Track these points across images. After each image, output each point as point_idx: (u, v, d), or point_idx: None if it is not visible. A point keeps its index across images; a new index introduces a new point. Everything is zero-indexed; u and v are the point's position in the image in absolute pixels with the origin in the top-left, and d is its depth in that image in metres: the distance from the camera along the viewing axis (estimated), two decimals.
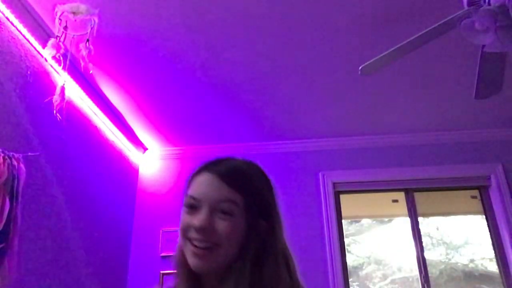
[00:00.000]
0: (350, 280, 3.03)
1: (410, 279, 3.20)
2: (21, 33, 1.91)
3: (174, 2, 1.91)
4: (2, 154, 1.62)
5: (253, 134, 3.23)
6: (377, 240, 3.50)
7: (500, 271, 2.93)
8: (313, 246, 2.99)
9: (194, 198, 0.74)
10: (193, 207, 0.73)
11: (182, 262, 0.75)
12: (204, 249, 0.70)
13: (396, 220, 3.45)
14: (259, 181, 0.80)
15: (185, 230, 0.73)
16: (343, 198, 3.25)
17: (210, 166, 0.77)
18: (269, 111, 2.91)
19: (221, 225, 0.71)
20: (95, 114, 2.64)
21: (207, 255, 0.70)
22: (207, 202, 0.72)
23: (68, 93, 2.16)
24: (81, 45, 1.90)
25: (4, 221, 1.55)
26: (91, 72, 2.16)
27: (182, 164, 3.39)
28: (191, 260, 0.71)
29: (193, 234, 0.71)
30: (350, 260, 3.24)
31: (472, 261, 3.29)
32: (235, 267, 0.70)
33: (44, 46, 1.91)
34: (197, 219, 0.71)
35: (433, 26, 1.64)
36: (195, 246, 0.71)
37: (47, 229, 2.04)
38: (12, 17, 1.83)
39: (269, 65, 2.40)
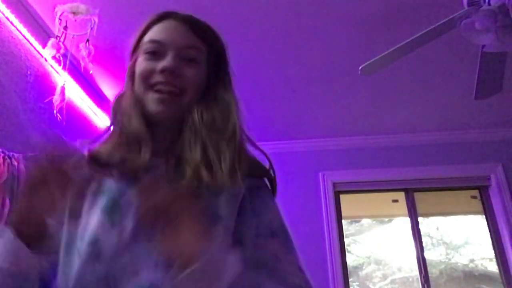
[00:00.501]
0: (350, 280, 3.03)
1: (410, 279, 3.20)
2: (21, 33, 1.91)
3: (174, 2, 1.91)
4: (2, 154, 1.62)
5: (253, 134, 3.22)
6: (377, 240, 3.50)
7: (500, 271, 2.93)
8: (313, 246, 2.99)
9: (158, 42, 0.71)
10: (155, 53, 0.70)
11: (132, 111, 0.71)
12: (170, 94, 0.69)
13: (396, 220, 3.45)
14: (219, 36, 0.80)
15: (147, 76, 0.69)
16: (343, 198, 3.25)
17: (172, 14, 0.76)
18: (269, 111, 2.91)
19: (187, 71, 0.70)
20: (95, 114, 2.63)
21: (173, 100, 0.69)
22: (172, 47, 0.70)
23: (68, 93, 2.16)
24: (81, 45, 1.90)
25: (4, 221, 1.55)
26: (91, 72, 2.16)
27: None
28: (155, 106, 0.68)
29: (158, 78, 0.68)
30: (350, 260, 3.24)
31: (472, 261, 3.29)
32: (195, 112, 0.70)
33: (44, 46, 1.91)
34: (165, 62, 0.68)
35: (433, 26, 1.64)
36: (160, 91, 0.68)
37: None
38: (12, 17, 1.83)
39: (269, 65, 2.40)
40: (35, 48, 2.01)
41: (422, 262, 2.96)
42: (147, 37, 0.73)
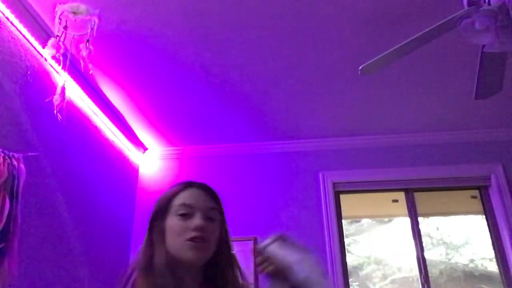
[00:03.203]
0: (350, 280, 3.03)
1: (410, 279, 3.20)
2: (21, 33, 1.91)
3: (174, 3, 1.91)
4: (2, 154, 1.62)
5: (253, 134, 3.23)
6: (377, 240, 3.50)
7: (500, 271, 2.93)
8: (313, 246, 2.99)
9: (188, 206, 0.92)
10: (186, 215, 0.91)
11: (164, 264, 0.88)
12: (202, 243, 0.89)
13: (396, 220, 3.45)
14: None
15: (182, 233, 0.89)
16: (343, 198, 3.24)
17: (194, 184, 0.98)
18: (269, 111, 2.91)
19: (210, 226, 0.92)
20: (95, 114, 2.64)
21: (204, 247, 0.90)
22: (199, 209, 0.92)
23: (68, 93, 2.16)
24: (81, 45, 1.90)
25: (4, 221, 1.55)
26: (91, 72, 2.16)
27: (182, 164, 3.39)
28: (191, 253, 0.88)
29: (192, 234, 0.88)
30: (350, 260, 3.24)
31: (472, 261, 3.29)
32: (220, 257, 0.94)
33: (44, 46, 1.91)
34: (197, 221, 0.90)
35: (433, 26, 1.64)
36: (195, 241, 0.88)
37: (47, 229, 2.04)
38: (12, 17, 1.83)
39: (269, 65, 2.40)
40: (35, 48, 2.01)
41: (422, 262, 2.96)
42: (177, 201, 0.94)
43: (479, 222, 3.24)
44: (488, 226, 3.07)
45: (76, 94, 2.41)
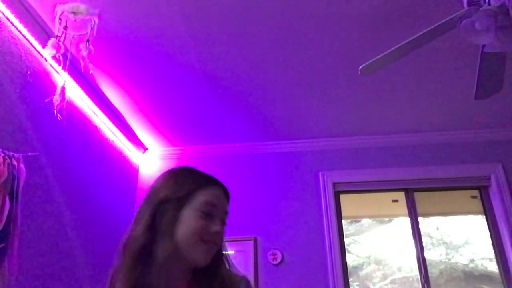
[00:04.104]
0: (350, 280, 3.03)
1: (410, 279, 3.20)
2: (21, 33, 1.91)
3: (174, 3, 1.91)
4: (2, 154, 1.62)
5: (253, 134, 3.23)
6: (377, 240, 3.50)
7: (500, 271, 2.93)
8: (313, 246, 2.99)
9: (213, 206, 0.88)
10: (209, 214, 0.87)
11: (171, 258, 0.84)
12: (214, 246, 0.88)
13: (396, 220, 3.45)
14: None
15: (202, 233, 0.85)
16: (343, 198, 3.24)
17: (219, 183, 0.94)
18: (269, 111, 2.91)
19: (223, 231, 0.90)
20: (95, 114, 2.64)
21: (214, 250, 0.88)
22: (220, 212, 0.90)
23: (68, 93, 2.16)
24: (81, 45, 1.90)
25: (4, 221, 1.55)
26: (91, 72, 2.16)
27: (182, 164, 3.37)
28: (203, 256, 0.85)
29: (210, 237, 0.86)
30: (350, 260, 3.24)
31: (472, 261, 3.29)
32: (221, 259, 0.92)
33: (44, 46, 1.91)
34: (217, 227, 0.87)
35: (433, 26, 1.64)
36: (210, 245, 0.86)
37: (47, 229, 2.04)
38: (12, 17, 1.83)
39: (269, 65, 2.40)
40: (35, 48, 2.00)
41: (422, 262, 2.96)
42: (202, 197, 0.88)
43: (479, 222, 3.24)
44: (488, 226, 3.07)
45: (76, 94, 2.41)
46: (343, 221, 3.17)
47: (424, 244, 3.05)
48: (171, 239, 0.84)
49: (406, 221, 3.15)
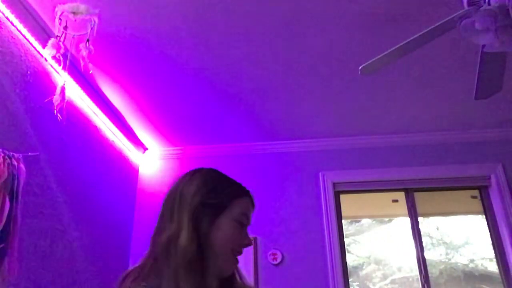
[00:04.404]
0: (350, 280, 3.03)
1: (410, 279, 3.20)
2: (21, 33, 1.91)
3: (174, 3, 1.91)
4: (2, 154, 1.62)
5: (253, 134, 3.23)
6: (377, 240, 3.50)
7: (500, 271, 2.93)
8: (313, 246, 2.99)
9: (247, 217, 0.90)
10: (243, 225, 0.88)
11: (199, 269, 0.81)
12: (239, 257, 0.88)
13: (396, 220, 3.45)
14: None
15: (234, 243, 0.85)
16: (343, 198, 3.24)
17: (249, 193, 0.95)
18: (269, 111, 2.91)
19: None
20: (95, 114, 2.64)
21: (238, 263, 0.89)
22: (249, 222, 0.91)
23: (68, 93, 2.16)
24: (81, 45, 1.89)
25: (4, 221, 1.55)
26: (91, 72, 2.16)
27: (182, 164, 3.39)
28: (231, 267, 0.86)
29: (240, 248, 0.86)
30: (350, 260, 3.24)
31: (472, 261, 3.29)
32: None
33: (44, 46, 1.91)
34: (248, 241, 0.88)
35: (433, 26, 1.64)
36: (236, 257, 0.86)
37: (47, 229, 2.04)
38: (12, 17, 1.83)
39: (269, 65, 2.40)
40: (35, 48, 2.01)
41: (422, 262, 2.96)
42: (239, 207, 0.88)
43: (479, 222, 3.24)
44: (488, 226, 3.07)
45: (76, 94, 2.41)
46: (343, 221, 3.17)
47: (424, 244, 3.05)
48: (212, 245, 0.82)
49: (406, 221, 3.15)
